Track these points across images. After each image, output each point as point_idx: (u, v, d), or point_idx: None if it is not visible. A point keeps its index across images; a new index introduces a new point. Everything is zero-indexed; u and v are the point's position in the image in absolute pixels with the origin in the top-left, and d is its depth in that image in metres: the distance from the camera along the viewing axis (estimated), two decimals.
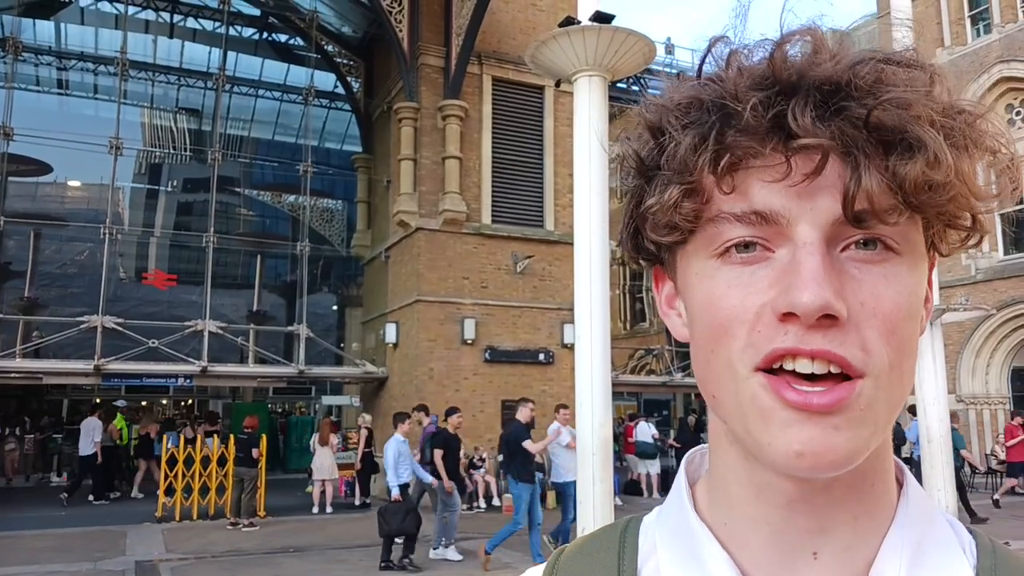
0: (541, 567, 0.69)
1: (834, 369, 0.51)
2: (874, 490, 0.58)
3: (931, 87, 0.53)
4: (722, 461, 0.61)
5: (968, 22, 21.80)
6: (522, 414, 10.60)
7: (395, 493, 10.32)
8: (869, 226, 0.52)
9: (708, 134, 0.53)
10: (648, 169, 0.59)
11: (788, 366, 0.52)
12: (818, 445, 0.51)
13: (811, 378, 0.52)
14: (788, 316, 0.51)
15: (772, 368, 0.52)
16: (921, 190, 0.51)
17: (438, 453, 10.67)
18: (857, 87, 0.51)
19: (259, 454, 13.85)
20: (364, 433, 16.14)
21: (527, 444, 10.26)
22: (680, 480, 0.66)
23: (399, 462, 10.54)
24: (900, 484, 0.61)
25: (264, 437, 14.48)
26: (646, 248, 0.62)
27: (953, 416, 14.83)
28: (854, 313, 0.52)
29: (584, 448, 8.43)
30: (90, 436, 16.12)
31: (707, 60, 0.58)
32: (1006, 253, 20.68)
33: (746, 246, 0.54)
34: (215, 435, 15.34)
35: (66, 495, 15.71)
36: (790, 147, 0.51)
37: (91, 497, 15.91)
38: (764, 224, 0.53)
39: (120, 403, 19.31)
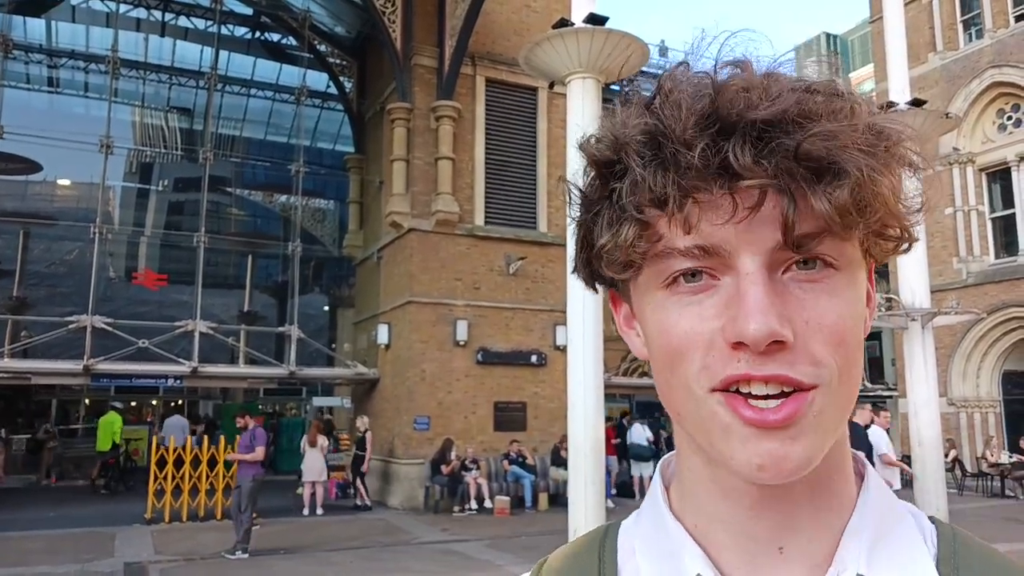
0: (526, 574, 0.72)
1: (787, 389, 0.55)
2: (832, 484, 0.62)
3: (852, 114, 0.56)
4: (689, 469, 0.65)
5: (960, 27, 21.89)
6: (861, 416, 9.97)
7: None
8: (808, 249, 0.56)
9: (666, 178, 0.56)
10: (593, 204, 0.62)
11: (744, 389, 0.55)
12: (777, 457, 0.55)
13: (764, 396, 0.55)
14: (739, 345, 0.55)
15: (726, 389, 0.56)
16: (850, 213, 0.55)
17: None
18: (786, 122, 0.54)
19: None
20: (370, 437, 16.08)
21: (883, 456, 9.62)
22: (656, 484, 0.69)
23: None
24: (862, 477, 0.65)
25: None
26: (600, 276, 0.65)
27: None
28: (801, 332, 0.55)
29: (576, 450, 8.42)
30: (180, 432, 17.04)
31: (657, 93, 0.60)
32: (997, 257, 20.77)
33: (693, 274, 0.58)
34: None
35: None
36: (735, 187, 0.55)
37: None
38: (708, 256, 0.57)
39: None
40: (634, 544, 0.67)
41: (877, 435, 9.96)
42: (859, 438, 9.57)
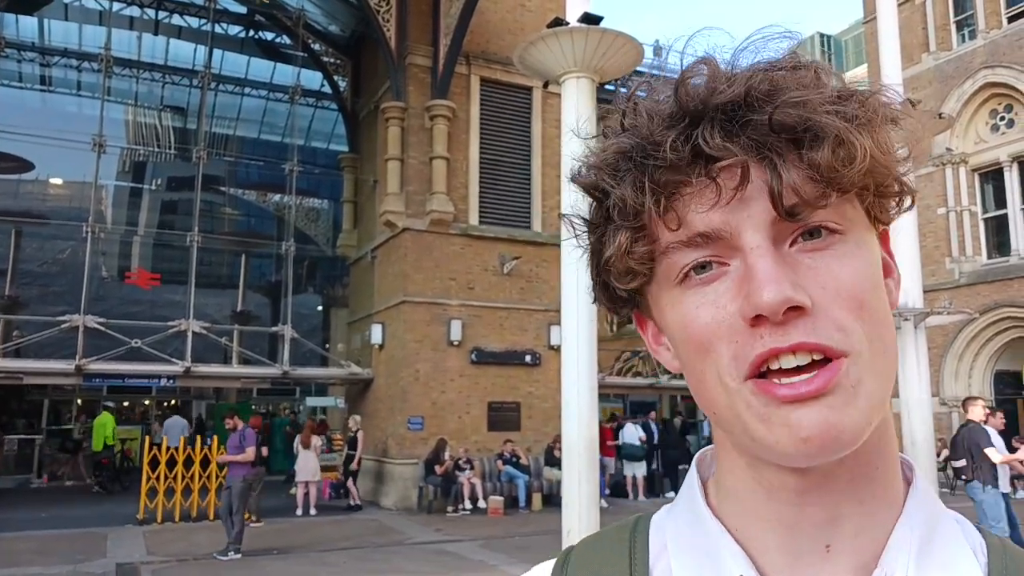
0: (550, 563, 0.71)
1: (817, 356, 0.54)
2: (878, 474, 0.60)
3: (817, 79, 0.57)
4: (730, 470, 0.63)
5: (953, 27, 21.98)
6: (975, 413, 9.61)
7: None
8: (803, 217, 0.56)
9: (642, 181, 0.57)
10: (597, 226, 0.63)
11: (774, 366, 0.55)
12: (821, 427, 0.53)
13: (796, 370, 0.54)
14: (758, 319, 0.54)
15: (759, 373, 0.55)
16: (835, 171, 0.55)
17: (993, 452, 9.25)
18: (755, 98, 0.55)
19: (255, 453, 13.61)
20: (361, 436, 16.07)
21: (990, 452, 9.20)
22: (692, 478, 0.67)
23: None
24: (909, 482, 0.64)
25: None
26: (620, 297, 0.65)
27: None
28: (819, 298, 0.55)
29: (570, 450, 8.41)
30: (180, 431, 17.97)
31: (623, 111, 0.62)
32: (989, 257, 20.85)
33: (702, 267, 0.58)
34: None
35: None
36: (712, 170, 0.55)
37: None
38: (711, 243, 0.57)
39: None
40: (666, 539, 0.66)
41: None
42: (982, 435, 9.27)
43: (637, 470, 17.73)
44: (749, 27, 0.62)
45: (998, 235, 20.90)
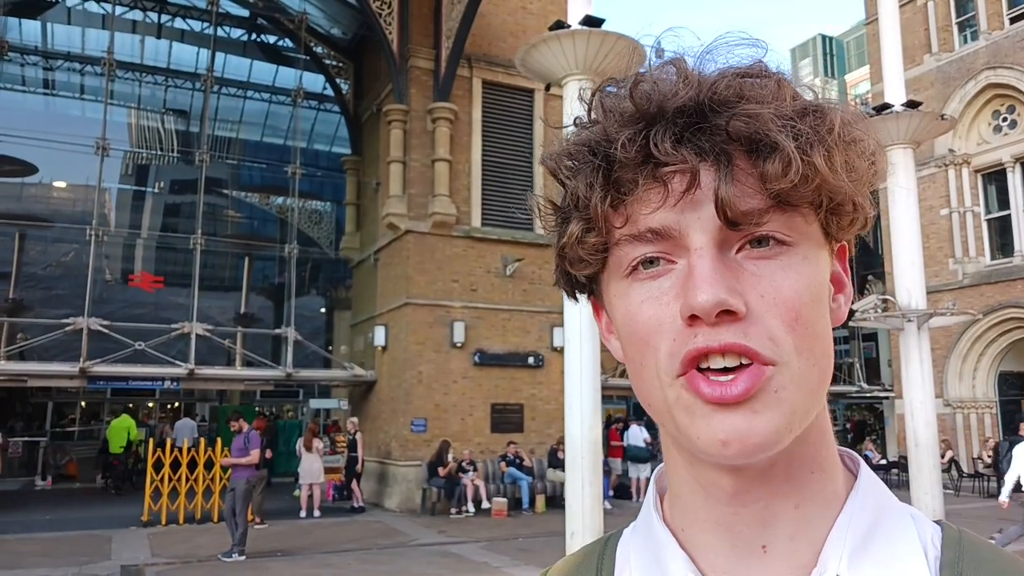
0: None
1: (745, 361, 0.55)
2: (812, 478, 0.61)
3: (779, 89, 0.58)
4: (674, 470, 0.65)
5: (955, 29, 21.95)
6: None
7: None
8: (745, 228, 0.57)
9: (594, 176, 0.59)
10: (562, 211, 0.64)
11: (703, 365, 0.56)
12: (739, 431, 0.55)
13: (724, 371, 0.56)
14: (693, 319, 0.56)
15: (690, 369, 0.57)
16: (781, 184, 0.55)
17: None
18: (717, 103, 0.56)
19: (258, 456, 13.59)
20: (360, 438, 16.12)
21: None
22: (650, 492, 0.69)
23: None
24: (856, 476, 0.64)
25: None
26: (578, 282, 0.67)
27: None
28: (756, 306, 0.56)
29: (573, 451, 8.42)
30: (189, 433, 18.75)
31: (593, 105, 0.63)
32: (992, 258, 20.82)
33: (650, 261, 0.59)
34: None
35: None
36: (661, 173, 0.57)
37: None
38: (661, 240, 0.58)
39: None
40: (629, 554, 0.68)
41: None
42: None
43: (642, 472, 17.72)
44: (751, 30, 0.64)
45: (1001, 236, 20.87)
